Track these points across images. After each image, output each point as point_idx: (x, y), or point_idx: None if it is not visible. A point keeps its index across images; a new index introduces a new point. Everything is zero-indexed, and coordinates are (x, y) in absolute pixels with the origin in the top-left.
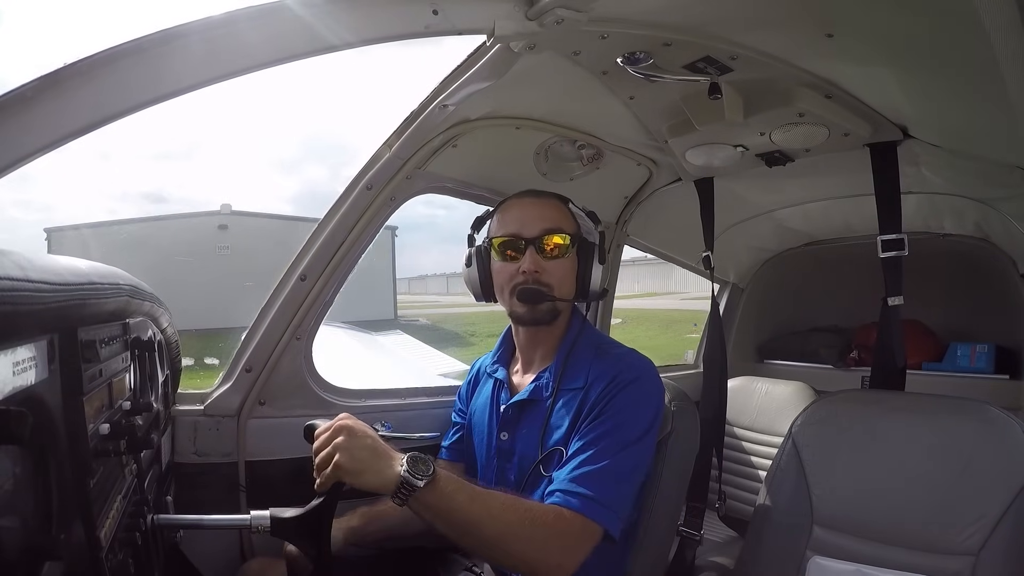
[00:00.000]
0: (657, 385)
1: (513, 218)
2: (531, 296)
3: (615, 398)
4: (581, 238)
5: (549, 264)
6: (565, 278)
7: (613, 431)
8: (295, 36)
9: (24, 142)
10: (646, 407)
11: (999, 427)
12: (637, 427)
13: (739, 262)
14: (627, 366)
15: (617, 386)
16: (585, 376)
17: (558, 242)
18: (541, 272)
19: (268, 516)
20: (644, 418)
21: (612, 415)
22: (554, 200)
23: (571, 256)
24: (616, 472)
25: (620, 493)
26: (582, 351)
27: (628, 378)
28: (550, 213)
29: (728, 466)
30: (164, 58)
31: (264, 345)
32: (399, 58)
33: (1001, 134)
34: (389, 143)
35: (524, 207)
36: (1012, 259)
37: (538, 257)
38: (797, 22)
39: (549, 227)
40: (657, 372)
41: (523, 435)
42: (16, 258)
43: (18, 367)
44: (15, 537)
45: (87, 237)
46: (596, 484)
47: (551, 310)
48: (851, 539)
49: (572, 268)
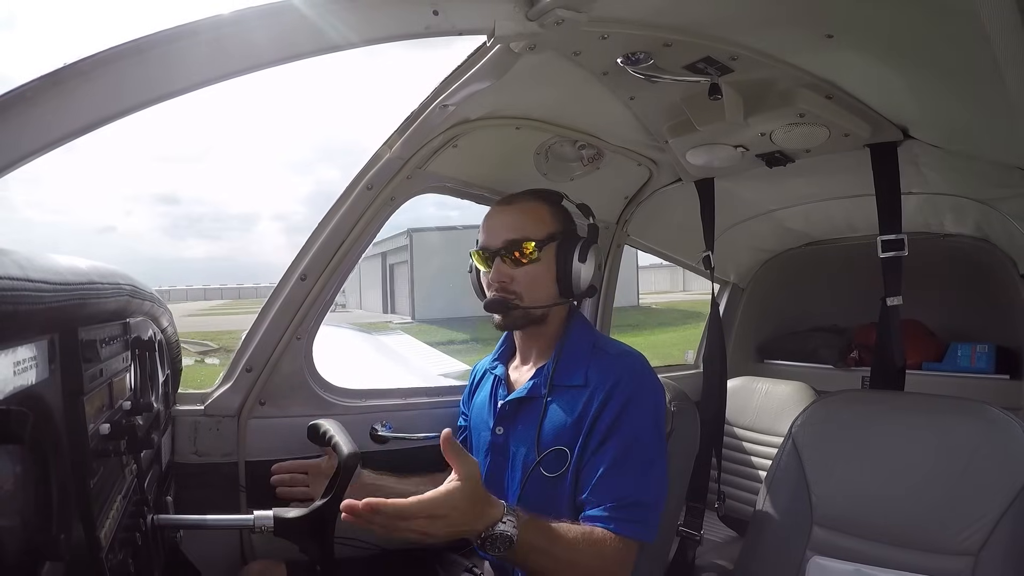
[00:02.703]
0: (657, 385)
1: (484, 229)
2: (494, 307)
3: (626, 413)
4: (563, 237)
5: (518, 272)
6: (536, 284)
7: (635, 446)
8: (296, 36)
9: (25, 142)
10: (656, 414)
11: (999, 427)
12: (654, 435)
13: (739, 262)
14: (627, 369)
15: (625, 398)
16: (584, 374)
17: (523, 250)
18: (509, 281)
19: (271, 516)
20: (658, 425)
21: (630, 429)
22: (529, 203)
23: (546, 259)
24: (650, 486)
25: (657, 506)
26: (577, 349)
27: (633, 387)
28: (517, 220)
29: (728, 466)
30: (165, 57)
31: (264, 345)
32: (407, 60)
33: (1001, 134)
34: (389, 143)
35: (492, 217)
36: (1012, 259)
37: (505, 266)
38: (797, 22)
39: (511, 237)
40: (652, 369)
41: (518, 432)
42: (16, 257)
43: (18, 367)
44: (15, 537)
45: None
46: (638, 508)
47: (524, 316)
48: (851, 539)
49: (547, 271)
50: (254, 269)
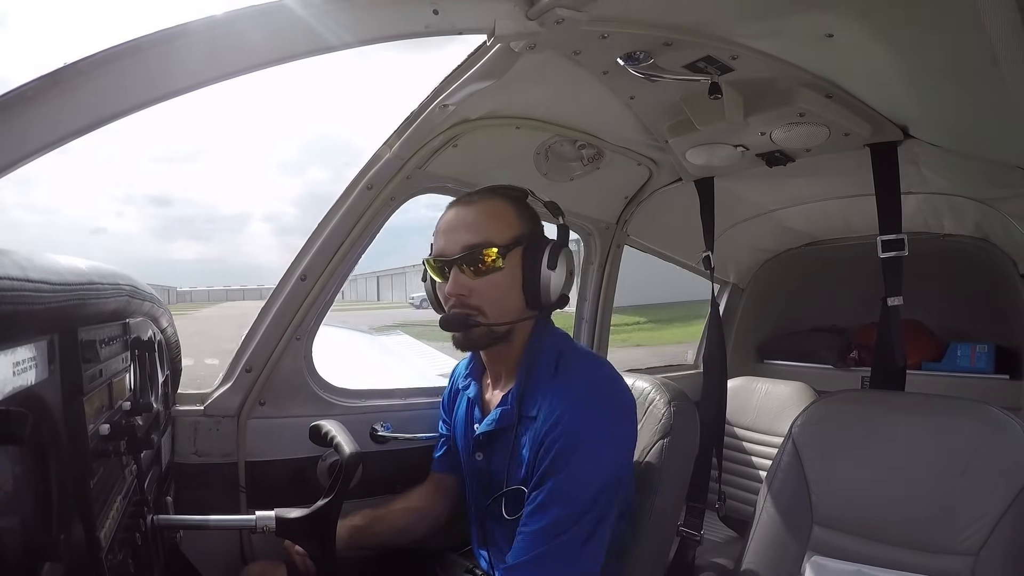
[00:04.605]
0: (617, 414)
1: (440, 232)
2: (452, 324)
3: (562, 464)
4: (529, 240)
5: (479, 283)
6: (501, 296)
7: (562, 521)
8: (296, 36)
9: (25, 141)
10: (603, 461)
11: (999, 427)
12: (597, 494)
13: (739, 262)
14: (575, 400)
15: (562, 446)
16: (537, 404)
17: (484, 257)
18: (468, 294)
19: (273, 516)
20: (610, 473)
21: (561, 492)
22: (490, 202)
23: (510, 266)
24: (573, 553)
25: (579, 568)
26: (542, 369)
27: (577, 426)
28: (477, 222)
29: (728, 466)
30: (163, 58)
31: (264, 345)
32: (399, 62)
33: (1001, 134)
34: (389, 143)
35: (449, 218)
36: (1012, 259)
37: (464, 277)
38: (798, 22)
39: (470, 242)
40: (618, 389)
41: (497, 459)
42: (16, 258)
43: (18, 367)
44: (15, 537)
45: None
46: (552, 569)
47: (487, 335)
48: (851, 539)
49: (512, 281)
50: (246, 271)
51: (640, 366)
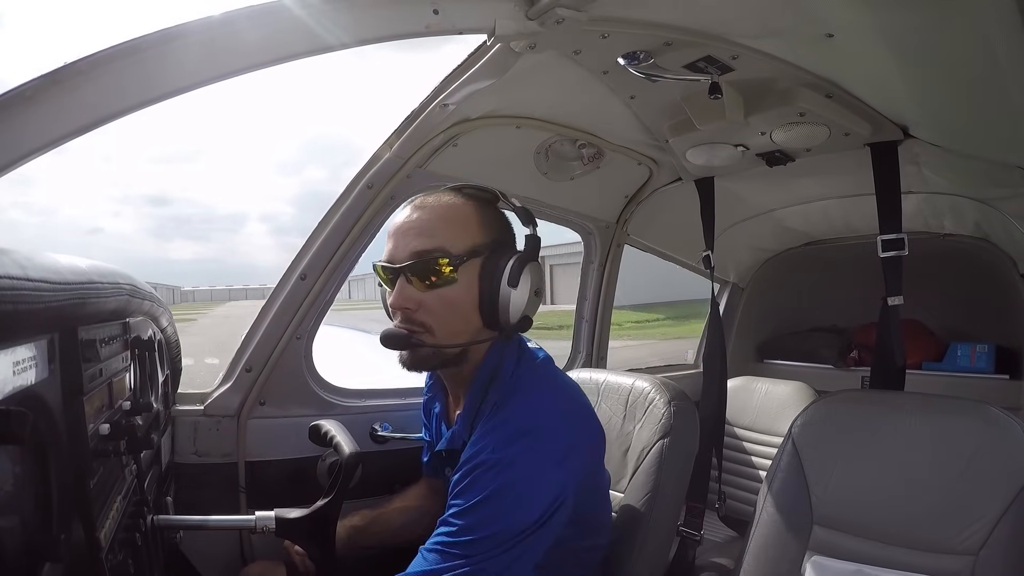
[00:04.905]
0: (541, 463)
1: (390, 234)
2: (392, 342)
3: (481, 506)
4: (491, 251)
5: (427, 296)
6: (452, 313)
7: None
8: (295, 36)
9: (23, 141)
10: (522, 512)
11: (999, 427)
12: (494, 539)
13: (739, 262)
14: (503, 440)
15: (483, 488)
16: (477, 433)
17: (434, 267)
18: (415, 308)
19: (273, 517)
20: (534, 521)
21: (470, 522)
22: (450, 204)
23: (465, 279)
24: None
25: None
26: (493, 395)
27: (491, 474)
28: (432, 225)
29: (728, 466)
30: (163, 58)
31: (264, 345)
32: (397, 63)
33: (1001, 134)
34: (389, 142)
35: (402, 219)
36: (1012, 259)
37: (411, 289)
38: (798, 22)
39: (420, 249)
40: (559, 424)
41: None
42: (16, 256)
43: (18, 366)
44: (15, 537)
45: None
46: None
47: (435, 356)
48: (851, 539)
49: (466, 297)
50: (243, 271)
51: (682, 355)
